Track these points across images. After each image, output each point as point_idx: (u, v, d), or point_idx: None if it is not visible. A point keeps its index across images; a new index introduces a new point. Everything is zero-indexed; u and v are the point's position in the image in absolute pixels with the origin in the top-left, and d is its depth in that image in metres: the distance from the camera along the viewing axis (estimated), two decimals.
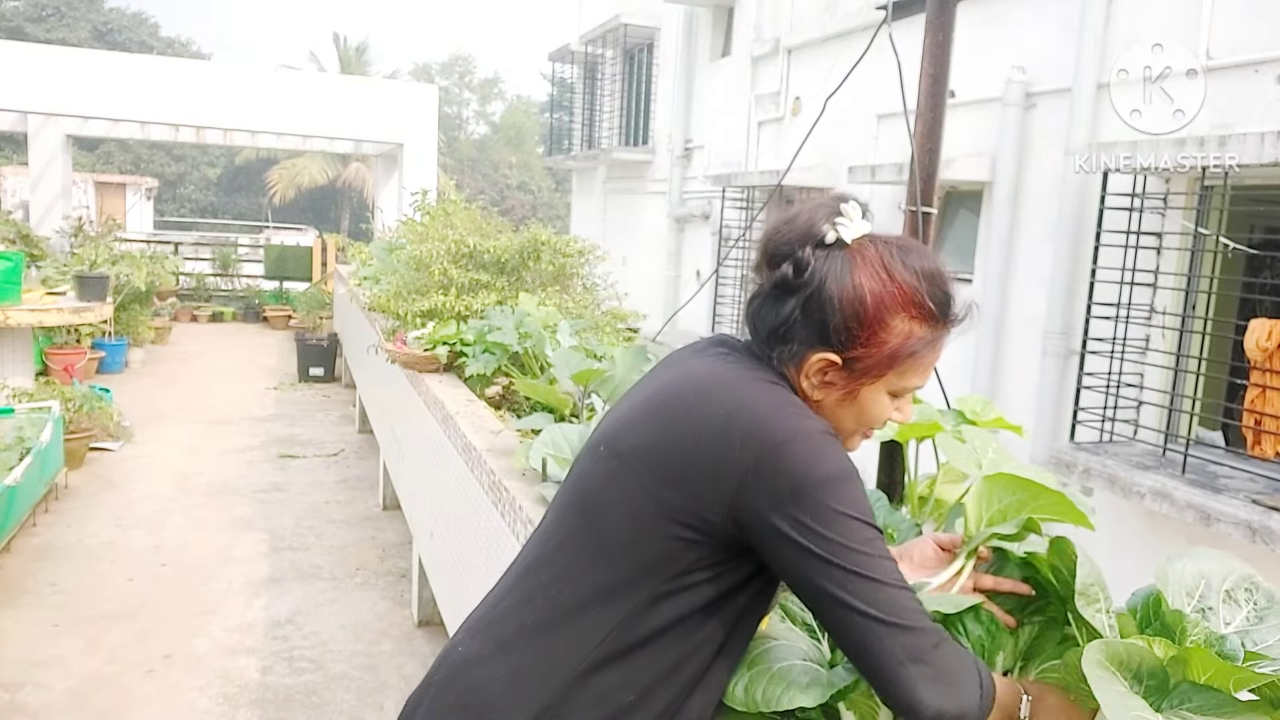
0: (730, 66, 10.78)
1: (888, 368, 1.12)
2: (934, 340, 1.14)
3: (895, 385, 1.15)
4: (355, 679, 3.95)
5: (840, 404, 1.16)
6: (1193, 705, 1.06)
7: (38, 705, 3.60)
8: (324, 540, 5.54)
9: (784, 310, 1.13)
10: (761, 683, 1.17)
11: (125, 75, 11.69)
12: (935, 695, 1.02)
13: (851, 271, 1.11)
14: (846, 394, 1.14)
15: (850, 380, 1.13)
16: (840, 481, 1.04)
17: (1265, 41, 4.75)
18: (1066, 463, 5.09)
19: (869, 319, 1.10)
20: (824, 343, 1.12)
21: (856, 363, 1.12)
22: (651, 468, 1.10)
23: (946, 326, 1.14)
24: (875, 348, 1.11)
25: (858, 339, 1.10)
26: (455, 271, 4.51)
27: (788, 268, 1.12)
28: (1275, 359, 4.66)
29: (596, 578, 1.11)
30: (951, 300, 1.14)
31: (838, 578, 1.02)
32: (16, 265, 6.62)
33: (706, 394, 1.11)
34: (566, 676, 1.09)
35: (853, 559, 1.02)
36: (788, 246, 1.13)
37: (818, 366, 1.13)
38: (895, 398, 1.17)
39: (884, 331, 1.10)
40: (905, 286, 1.11)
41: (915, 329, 1.11)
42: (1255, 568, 1.25)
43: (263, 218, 29.95)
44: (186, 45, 36.64)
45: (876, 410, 1.16)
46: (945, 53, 1.90)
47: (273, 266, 15.62)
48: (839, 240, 1.12)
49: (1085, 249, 5.56)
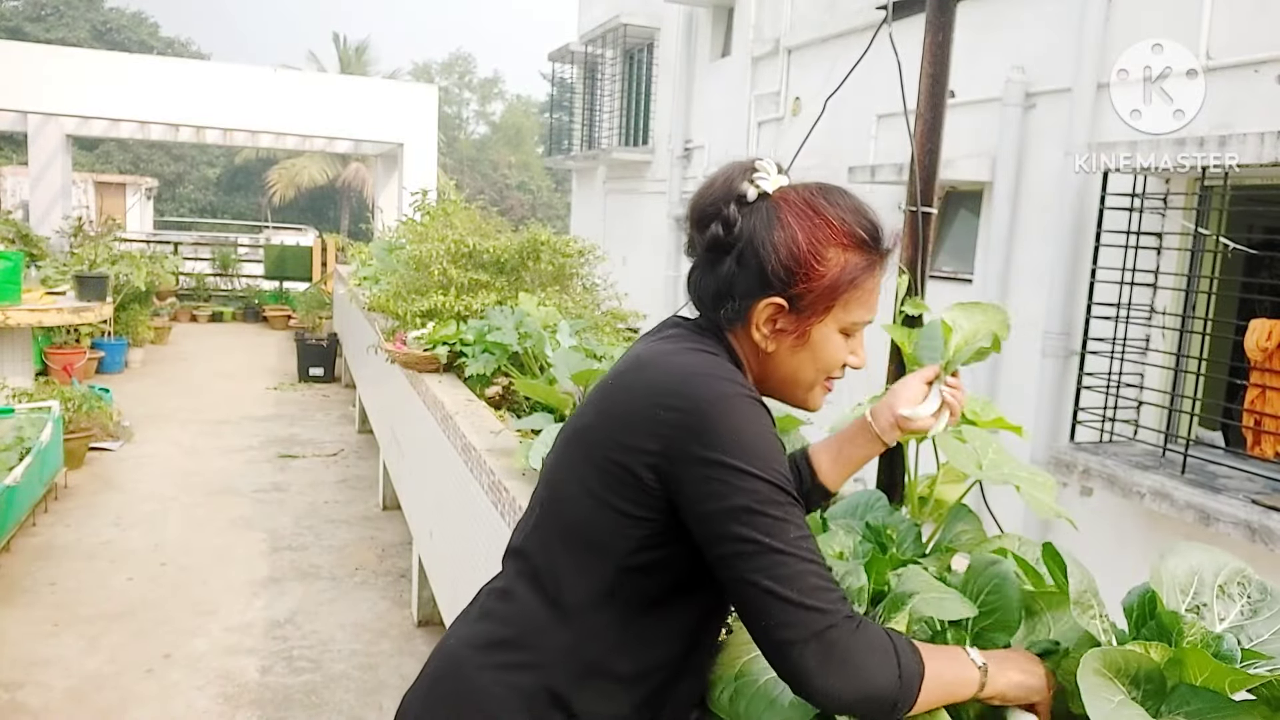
0: (730, 66, 10.78)
1: (831, 299, 1.14)
2: (870, 268, 1.16)
3: (844, 321, 1.16)
4: (355, 679, 3.95)
5: (795, 351, 1.17)
6: (1190, 709, 1.06)
7: (37, 705, 3.60)
8: (323, 540, 5.54)
9: (722, 270, 1.16)
10: (745, 696, 1.17)
11: (125, 75, 11.68)
12: (829, 677, 0.98)
13: (779, 215, 1.14)
14: (798, 337, 1.16)
15: (799, 321, 1.15)
16: (755, 445, 1.04)
17: (1265, 41, 4.75)
18: (1066, 463, 5.09)
19: (804, 255, 1.12)
20: (766, 288, 1.14)
21: (800, 300, 1.14)
22: (594, 443, 1.13)
23: (879, 255, 1.17)
24: (815, 281, 1.13)
25: (796, 276, 1.12)
26: (455, 271, 4.51)
27: (717, 226, 1.15)
28: (1275, 359, 4.66)
29: (564, 562, 1.14)
30: (879, 229, 1.17)
31: (739, 544, 1.01)
32: (16, 265, 6.62)
33: (641, 367, 1.15)
34: (548, 663, 1.12)
35: (757, 524, 1.01)
36: (713, 207, 1.16)
37: (766, 314, 1.15)
38: (847, 337, 1.18)
39: (821, 264, 1.13)
40: (833, 220, 1.14)
41: (850, 258, 1.14)
42: (1254, 567, 1.25)
43: (262, 218, 29.94)
44: (186, 45, 36.65)
45: (831, 351, 1.17)
46: (945, 53, 1.90)
47: (272, 266, 15.62)
48: (761, 193, 1.15)
49: (1085, 249, 5.56)
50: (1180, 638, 1.13)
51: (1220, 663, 1.06)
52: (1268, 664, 1.12)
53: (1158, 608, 1.18)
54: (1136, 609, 1.21)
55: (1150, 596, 1.20)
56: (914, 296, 1.93)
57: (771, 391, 1.22)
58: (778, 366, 1.18)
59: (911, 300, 1.91)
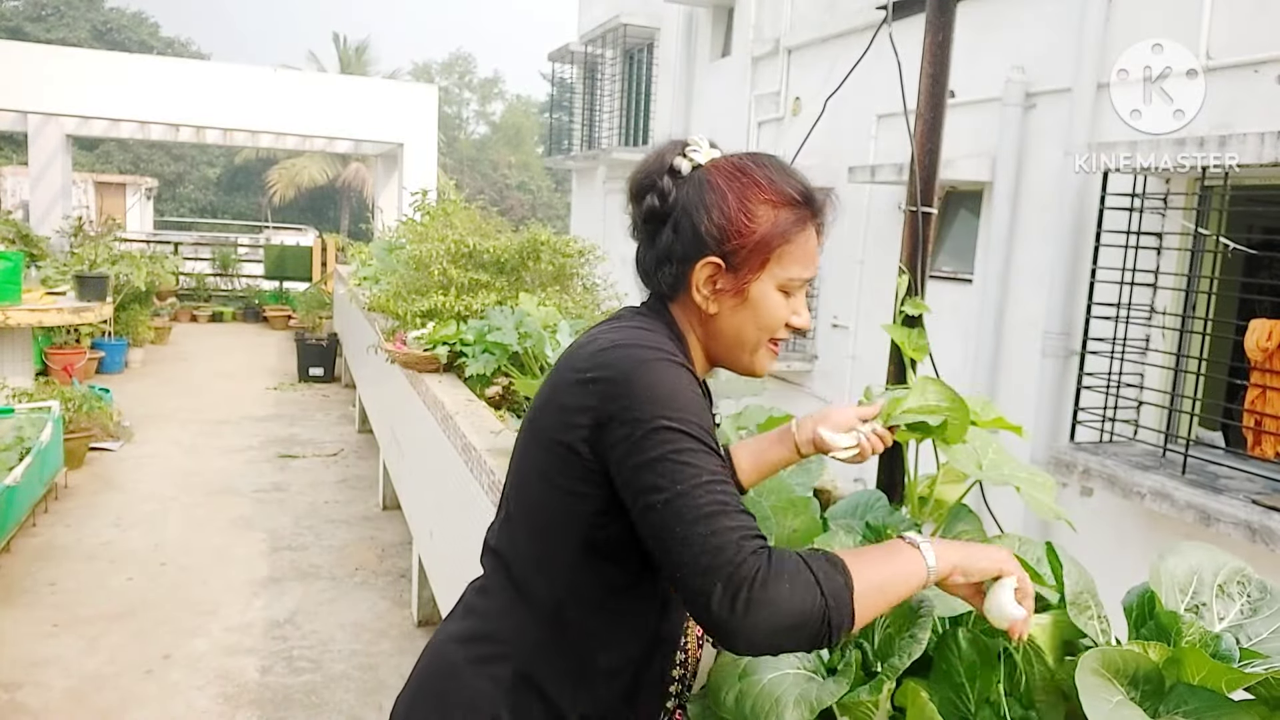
0: (730, 66, 10.78)
1: (765, 254, 1.16)
2: (801, 223, 1.18)
3: (780, 277, 1.18)
4: (354, 679, 3.95)
5: (736, 310, 1.19)
6: (1189, 708, 1.06)
7: (37, 705, 3.59)
8: (323, 540, 5.54)
9: (661, 239, 1.19)
10: (750, 696, 1.17)
11: (125, 75, 11.68)
12: (744, 620, 0.95)
13: (710, 180, 1.17)
14: (737, 295, 1.17)
15: (737, 279, 1.17)
16: (671, 399, 1.06)
17: (1265, 41, 4.75)
18: (1066, 463, 5.09)
19: (734, 212, 1.15)
20: (702, 249, 1.16)
21: (735, 257, 1.16)
22: (540, 428, 1.17)
23: (810, 212, 1.19)
24: (747, 237, 1.15)
25: (729, 234, 1.15)
26: (455, 271, 4.51)
27: (652, 198, 1.19)
28: (1275, 359, 4.66)
29: (530, 552, 1.18)
30: (808, 189, 1.20)
31: (652, 494, 1.02)
32: (16, 265, 6.62)
33: (577, 349, 1.19)
34: (526, 654, 1.15)
35: (669, 472, 1.02)
36: (648, 180, 1.20)
37: (705, 275, 1.17)
38: (787, 296, 1.20)
39: (751, 221, 1.15)
40: (760, 179, 1.17)
41: (780, 214, 1.16)
42: (1255, 568, 1.25)
43: (262, 218, 29.94)
44: (186, 45, 36.65)
45: (771, 309, 1.19)
46: (945, 53, 1.90)
47: (272, 266, 15.62)
48: (695, 165, 1.19)
49: (1085, 249, 5.56)
50: (1179, 637, 1.13)
51: (1217, 662, 1.06)
52: (1265, 663, 1.12)
53: (1157, 607, 1.18)
54: (1136, 609, 1.21)
55: (1149, 596, 1.20)
56: (914, 296, 1.93)
57: (719, 358, 1.24)
58: (721, 329, 1.20)
59: (911, 300, 1.91)
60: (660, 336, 1.16)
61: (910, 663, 1.17)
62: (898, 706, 1.24)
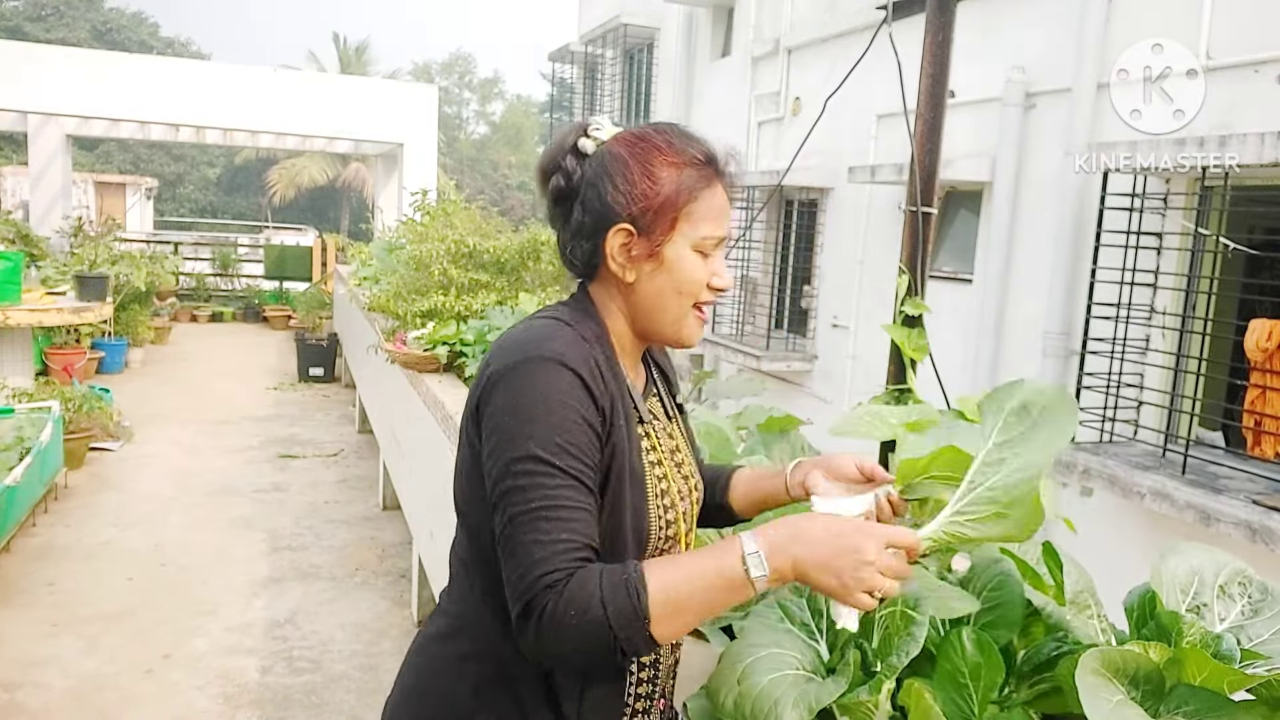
0: (730, 66, 10.78)
1: (673, 212, 1.15)
2: (706, 181, 1.17)
3: (693, 237, 1.17)
4: (355, 679, 3.95)
5: (654, 275, 1.18)
6: (1189, 709, 1.06)
7: (36, 705, 3.59)
8: (323, 540, 5.54)
9: (573, 217, 1.20)
10: (750, 698, 1.17)
11: (125, 75, 11.68)
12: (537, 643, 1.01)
13: (612, 151, 1.18)
14: (652, 258, 1.17)
15: (650, 242, 1.16)
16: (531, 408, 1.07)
17: (1265, 41, 4.75)
18: (1067, 463, 5.09)
19: (637, 176, 1.15)
20: (611, 218, 1.16)
21: (644, 220, 1.15)
22: (460, 427, 1.20)
23: (715, 170, 1.19)
24: (653, 199, 1.15)
25: (634, 197, 1.15)
26: (455, 271, 4.51)
27: (558, 178, 1.20)
28: (1275, 359, 4.66)
29: (471, 549, 1.20)
30: (710, 149, 1.20)
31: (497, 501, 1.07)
32: (16, 265, 6.62)
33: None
34: (486, 648, 1.17)
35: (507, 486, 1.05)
36: (552, 163, 1.21)
37: (618, 242, 1.17)
38: (703, 256, 1.18)
39: (655, 183, 1.15)
40: (659, 142, 1.17)
41: (684, 174, 1.16)
42: (1255, 568, 1.25)
43: (262, 218, 29.95)
44: (186, 45, 36.65)
45: (689, 270, 1.18)
46: (945, 53, 1.90)
47: (272, 266, 15.62)
48: (598, 144, 1.20)
49: (1085, 249, 5.56)
50: (1180, 638, 1.12)
51: (1218, 662, 1.06)
52: (1266, 664, 1.12)
53: (1158, 608, 1.18)
54: (1137, 609, 1.21)
55: (1150, 597, 1.20)
56: (914, 296, 1.93)
57: (647, 330, 1.23)
58: (642, 297, 1.19)
59: (911, 300, 1.91)
60: (560, 328, 1.16)
61: (909, 662, 1.17)
62: (898, 706, 1.24)
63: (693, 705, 1.32)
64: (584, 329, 1.17)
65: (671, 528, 1.19)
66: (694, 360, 10.12)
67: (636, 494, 1.15)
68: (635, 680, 1.22)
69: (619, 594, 1.00)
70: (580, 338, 1.15)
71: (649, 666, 1.24)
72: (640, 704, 1.23)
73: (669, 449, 1.26)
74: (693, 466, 1.31)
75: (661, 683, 1.27)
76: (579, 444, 1.07)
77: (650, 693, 1.25)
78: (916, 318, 1.93)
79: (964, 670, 1.21)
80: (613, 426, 1.12)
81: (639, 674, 1.23)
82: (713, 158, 1.19)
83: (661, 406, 1.31)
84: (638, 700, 1.23)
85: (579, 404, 1.09)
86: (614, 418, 1.13)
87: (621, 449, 1.13)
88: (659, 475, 1.20)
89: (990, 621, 1.30)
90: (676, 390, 1.37)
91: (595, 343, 1.17)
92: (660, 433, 1.26)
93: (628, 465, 1.14)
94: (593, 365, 1.13)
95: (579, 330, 1.16)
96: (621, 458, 1.13)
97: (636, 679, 1.22)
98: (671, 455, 1.26)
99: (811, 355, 8.93)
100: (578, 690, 1.15)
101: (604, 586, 1.00)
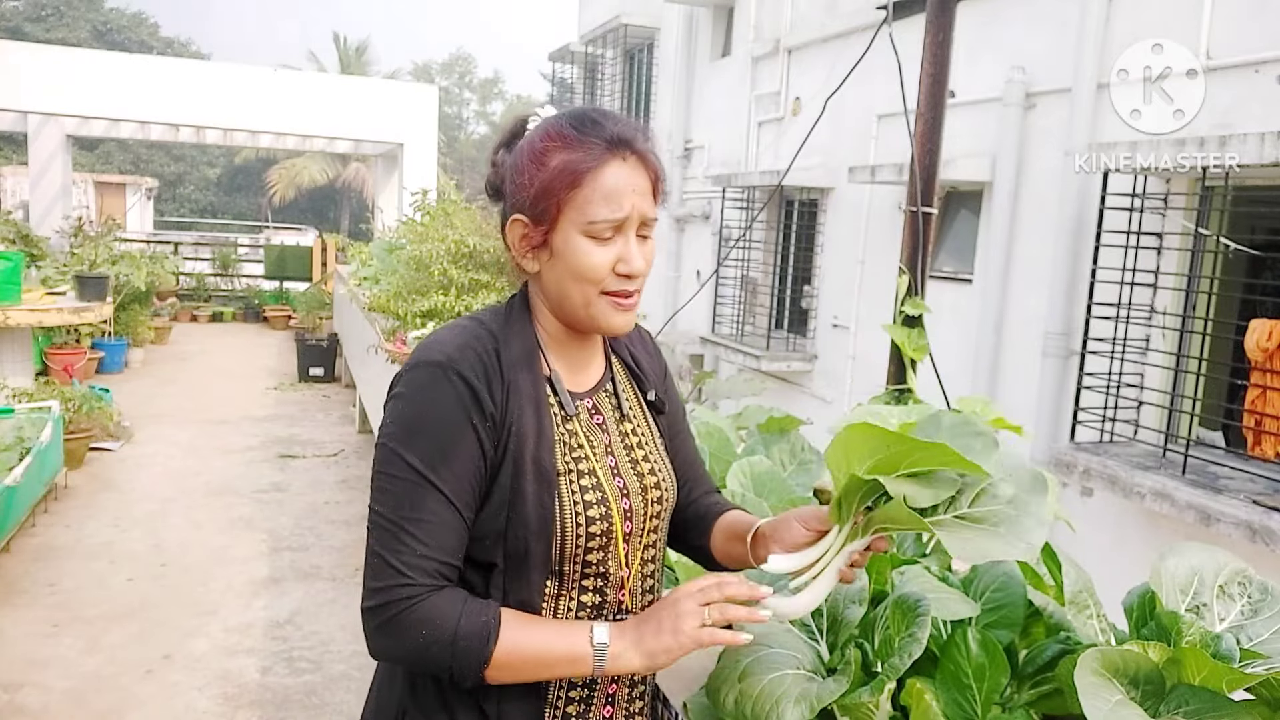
0: (730, 66, 10.78)
1: (552, 198, 1.11)
2: (593, 162, 1.11)
3: (581, 222, 1.11)
4: (355, 679, 3.95)
5: (552, 265, 1.15)
6: (1189, 709, 1.06)
7: (37, 706, 3.59)
8: (324, 540, 5.54)
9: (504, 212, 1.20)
10: (751, 697, 1.17)
11: (125, 75, 11.68)
12: (376, 641, 1.09)
13: (520, 146, 1.17)
14: (544, 248, 1.15)
15: (539, 231, 1.14)
16: (407, 419, 1.10)
17: (1265, 41, 4.75)
18: (1067, 463, 5.09)
19: (525, 164, 1.13)
20: (511, 209, 1.17)
21: (532, 209, 1.13)
22: None
23: (604, 148, 1.11)
24: (535, 185, 1.12)
25: (521, 186, 1.13)
26: (455, 271, 4.51)
27: (490, 173, 1.19)
28: (1275, 359, 4.66)
29: None
30: (596, 121, 1.13)
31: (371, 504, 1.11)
32: (16, 265, 6.61)
33: None
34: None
35: (377, 496, 1.10)
36: (489, 160, 1.21)
37: (517, 234, 1.16)
38: (601, 242, 1.12)
39: (540, 169, 1.12)
40: (550, 128, 1.14)
41: (570, 157, 1.11)
42: (1256, 568, 1.25)
43: (263, 218, 29.96)
44: (186, 45, 36.65)
45: (581, 259, 1.12)
46: (945, 53, 1.90)
47: (273, 266, 15.62)
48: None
49: (1085, 249, 5.56)
50: (1179, 637, 1.12)
51: (1218, 662, 1.06)
52: (1265, 663, 1.12)
53: (1157, 608, 1.18)
54: (1136, 609, 1.21)
55: (1150, 596, 1.20)
56: (914, 296, 1.93)
57: (568, 320, 1.19)
58: (546, 286, 1.18)
59: (911, 300, 1.91)
60: (468, 327, 1.17)
61: (910, 663, 1.17)
62: (900, 707, 1.24)
63: (693, 704, 1.32)
64: (505, 328, 1.17)
65: (596, 525, 1.14)
66: (694, 360, 10.12)
67: (543, 489, 1.12)
68: (567, 682, 1.18)
69: (472, 634, 1.06)
70: (480, 338, 1.14)
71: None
72: (573, 708, 1.19)
73: (625, 447, 1.23)
74: (659, 464, 1.26)
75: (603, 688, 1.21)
76: (458, 455, 1.09)
77: (587, 697, 1.20)
78: (916, 318, 1.93)
79: (968, 671, 1.21)
80: (509, 424, 1.12)
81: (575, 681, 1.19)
82: (611, 138, 1.11)
83: (615, 403, 1.26)
84: (569, 704, 1.19)
85: (463, 409, 1.10)
86: (509, 415, 1.12)
87: (522, 446, 1.12)
88: (583, 471, 1.16)
89: (993, 622, 1.30)
90: (652, 386, 1.32)
91: (514, 343, 1.16)
92: (600, 430, 1.22)
93: (530, 463, 1.12)
94: (487, 365, 1.12)
95: (495, 330, 1.16)
96: (522, 455, 1.11)
97: (569, 682, 1.18)
98: (629, 453, 1.23)
99: (811, 355, 8.93)
100: (495, 691, 1.14)
101: (462, 618, 1.07)
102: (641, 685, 1.27)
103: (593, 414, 1.23)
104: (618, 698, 1.23)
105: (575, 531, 1.13)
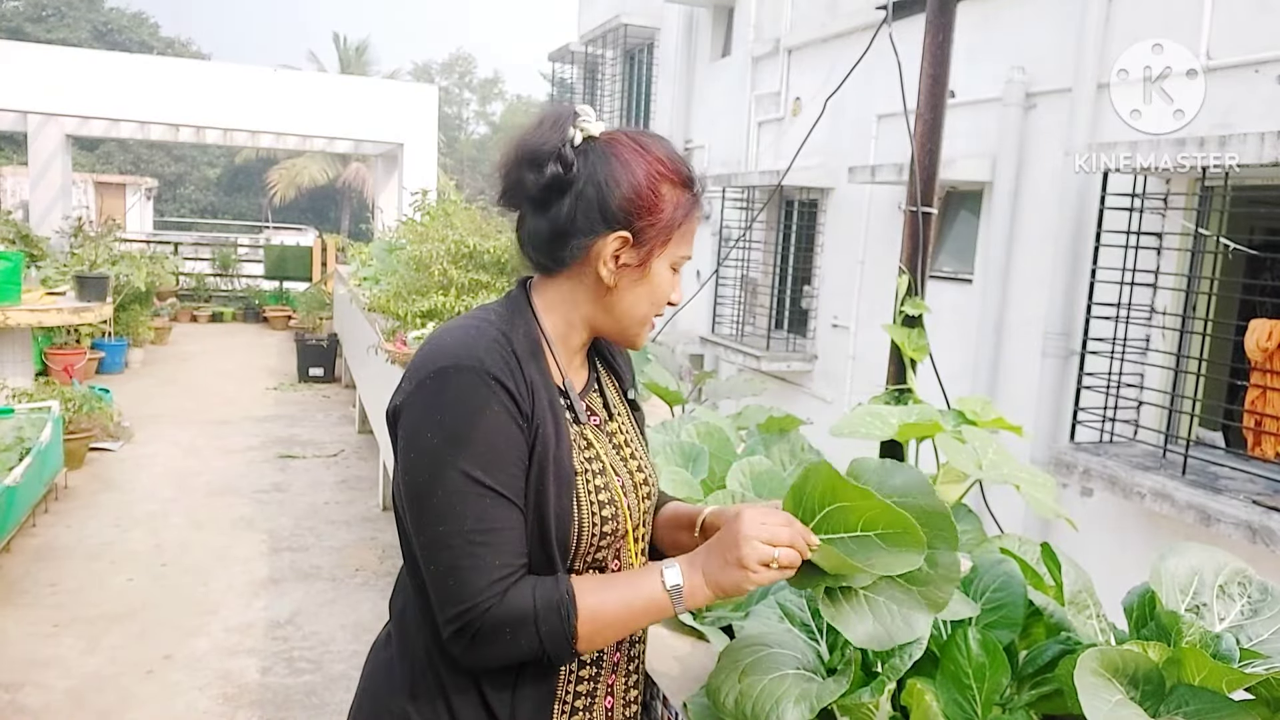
0: (730, 66, 10.78)
1: (669, 233, 1.18)
2: (695, 205, 1.21)
3: (674, 255, 1.20)
4: (354, 679, 3.93)
5: (635, 285, 1.19)
6: (1189, 709, 1.06)
7: (37, 706, 3.59)
8: (324, 541, 5.54)
9: (561, 211, 1.17)
10: (751, 697, 1.17)
11: (125, 75, 11.67)
12: (471, 655, 1.09)
13: (614, 155, 1.16)
14: (640, 269, 1.18)
15: (643, 255, 1.17)
16: (450, 424, 1.08)
17: (1265, 41, 4.75)
18: (1067, 463, 5.09)
19: (644, 191, 1.16)
20: (610, 224, 1.16)
21: (644, 234, 1.16)
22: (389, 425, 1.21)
23: (695, 194, 1.21)
24: (656, 215, 1.16)
25: (640, 210, 1.15)
26: (455, 271, 4.51)
27: (555, 165, 1.16)
28: (1275, 360, 4.66)
29: (407, 553, 1.21)
30: (691, 167, 1.22)
31: (414, 521, 1.11)
32: (16, 265, 6.61)
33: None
34: (418, 647, 1.19)
35: (426, 505, 1.08)
36: (549, 147, 1.16)
37: (614, 248, 1.16)
38: (674, 274, 1.22)
39: (659, 200, 1.16)
40: (663, 159, 1.18)
41: (680, 195, 1.18)
42: (1256, 568, 1.25)
43: (263, 218, 29.96)
44: (186, 45, 36.66)
45: (663, 285, 1.21)
46: (945, 53, 1.90)
47: (273, 267, 15.62)
48: (588, 136, 1.17)
49: (1085, 249, 5.56)
50: (1179, 637, 1.12)
51: (1218, 662, 1.06)
52: (1265, 663, 1.12)
53: (1157, 608, 1.18)
54: (1136, 609, 1.21)
55: (1150, 596, 1.20)
56: (914, 296, 1.93)
57: (606, 330, 1.23)
58: (617, 302, 1.20)
59: (911, 300, 1.91)
60: (484, 330, 1.15)
61: (910, 663, 1.17)
62: (900, 707, 1.24)
63: (693, 704, 1.32)
64: (511, 329, 1.17)
65: (609, 524, 1.18)
66: (694, 360, 10.12)
67: (563, 492, 1.13)
68: (574, 678, 1.21)
69: (551, 616, 1.07)
70: (497, 340, 1.14)
71: (590, 664, 1.23)
72: (580, 701, 1.22)
73: (614, 445, 1.25)
74: (645, 461, 1.30)
75: (604, 678, 1.25)
76: (507, 456, 1.09)
77: (591, 690, 1.23)
78: (916, 318, 1.93)
79: (968, 671, 1.21)
80: (536, 425, 1.12)
81: (578, 671, 1.22)
82: (693, 181, 1.21)
83: (603, 402, 1.29)
84: (576, 698, 1.22)
85: (503, 411, 1.09)
86: (536, 419, 1.12)
87: (546, 449, 1.13)
88: (596, 471, 1.19)
89: (993, 622, 1.29)
90: (628, 385, 1.36)
91: (522, 344, 1.16)
92: (599, 431, 1.25)
93: (552, 464, 1.13)
94: (514, 368, 1.12)
95: (505, 330, 1.16)
96: (545, 457, 1.12)
97: (576, 676, 1.21)
98: (618, 451, 1.25)
99: (811, 355, 8.93)
100: (509, 690, 1.16)
101: (538, 605, 1.07)
102: (636, 675, 1.31)
103: (591, 415, 1.25)
104: (615, 688, 1.27)
105: (591, 530, 1.16)
